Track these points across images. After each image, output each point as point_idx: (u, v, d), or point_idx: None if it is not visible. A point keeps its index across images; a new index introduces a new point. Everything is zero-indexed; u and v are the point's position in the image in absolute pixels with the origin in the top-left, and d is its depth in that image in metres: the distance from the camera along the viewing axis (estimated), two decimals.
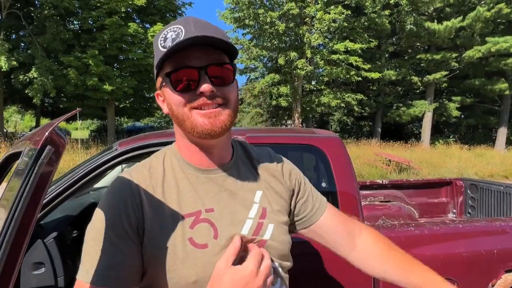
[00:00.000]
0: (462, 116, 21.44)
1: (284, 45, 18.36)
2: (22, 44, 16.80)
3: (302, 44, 17.93)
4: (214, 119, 0.63)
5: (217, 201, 0.68)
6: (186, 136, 0.69)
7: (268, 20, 16.59)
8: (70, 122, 24.63)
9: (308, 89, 20.51)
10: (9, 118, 37.37)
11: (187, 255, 0.63)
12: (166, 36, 0.63)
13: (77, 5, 16.24)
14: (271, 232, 0.70)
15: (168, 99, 0.67)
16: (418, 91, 22.67)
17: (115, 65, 17.42)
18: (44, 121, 23.49)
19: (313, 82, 20.32)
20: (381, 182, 3.45)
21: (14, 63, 13.01)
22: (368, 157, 11.60)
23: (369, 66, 18.19)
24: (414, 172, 9.84)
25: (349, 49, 17.46)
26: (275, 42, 18.00)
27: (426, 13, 19.68)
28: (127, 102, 20.33)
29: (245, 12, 17.03)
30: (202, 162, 0.70)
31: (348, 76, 18.22)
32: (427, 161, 11.61)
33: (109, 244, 0.60)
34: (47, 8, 15.42)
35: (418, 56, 19.57)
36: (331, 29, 17.67)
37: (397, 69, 20.30)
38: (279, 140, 1.79)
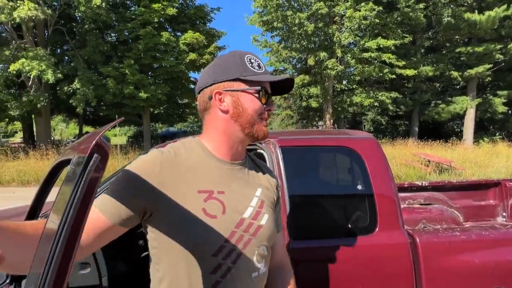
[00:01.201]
0: (510, 112, 19.89)
1: (313, 45, 18.14)
2: (66, 57, 18.02)
3: (332, 44, 17.62)
4: (267, 128, 0.89)
5: (229, 187, 0.84)
6: (232, 133, 0.86)
7: (297, 21, 16.49)
8: (109, 129, 25.92)
9: (339, 89, 20.09)
10: (56, 126, 40.23)
11: (200, 220, 0.77)
12: (251, 60, 0.86)
13: (114, 18, 17.16)
14: (266, 220, 0.87)
15: (244, 103, 0.85)
16: (458, 86, 21.39)
17: (150, 73, 18.16)
18: (86, 129, 25.02)
19: (344, 82, 19.88)
20: (420, 184, 3.27)
21: (59, 75, 13.98)
22: (405, 157, 11.11)
23: (403, 62, 17.47)
24: (456, 173, 9.27)
25: (381, 46, 16.90)
26: (304, 43, 17.84)
27: (465, 4, 18.55)
28: (161, 108, 21.09)
29: (273, 14, 17.06)
30: (226, 156, 0.87)
31: (381, 74, 17.62)
32: (470, 161, 10.90)
33: (124, 193, 0.76)
34: (88, 22, 16.44)
35: (457, 50, 18.47)
36: (362, 27, 17.21)
37: (435, 65, 19.28)
38: (311, 142, 1.76)
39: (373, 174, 1.64)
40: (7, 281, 1.30)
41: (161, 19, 17.30)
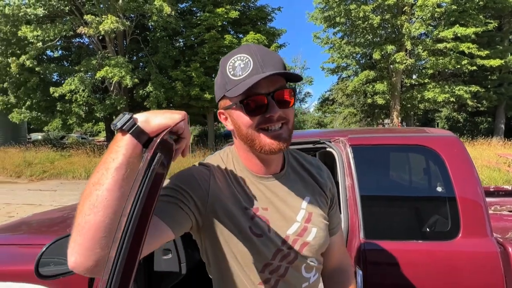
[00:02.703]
0: None
1: (379, 39, 17.16)
2: (141, 63, 19.82)
3: (400, 36, 16.48)
4: (279, 139, 0.73)
5: (272, 203, 0.80)
6: (249, 149, 0.79)
7: (361, 14, 15.77)
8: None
9: (408, 84, 18.70)
10: None
11: (246, 240, 0.76)
12: (234, 65, 0.72)
13: (181, 25, 18.35)
14: (314, 235, 0.82)
15: (237, 120, 0.76)
16: None
17: (213, 75, 19.03)
18: None
19: (414, 76, 18.44)
20: (510, 188, 2.91)
21: (136, 80, 15.48)
22: (488, 158, 9.91)
23: (486, 52, 15.55)
24: None
25: (459, 35, 15.26)
26: (369, 37, 16.98)
27: None
28: None
29: (335, 10, 16.56)
30: (259, 171, 0.82)
31: (459, 66, 15.93)
32: None
33: (175, 194, 0.72)
34: (159, 30, 17.87)
35: None
36: (435, 15, 15.75)
37: None
38: (385, 141, 1.69)
39: (455, 176, 1.51)
40: None
41: (224, 23, 17.98)
